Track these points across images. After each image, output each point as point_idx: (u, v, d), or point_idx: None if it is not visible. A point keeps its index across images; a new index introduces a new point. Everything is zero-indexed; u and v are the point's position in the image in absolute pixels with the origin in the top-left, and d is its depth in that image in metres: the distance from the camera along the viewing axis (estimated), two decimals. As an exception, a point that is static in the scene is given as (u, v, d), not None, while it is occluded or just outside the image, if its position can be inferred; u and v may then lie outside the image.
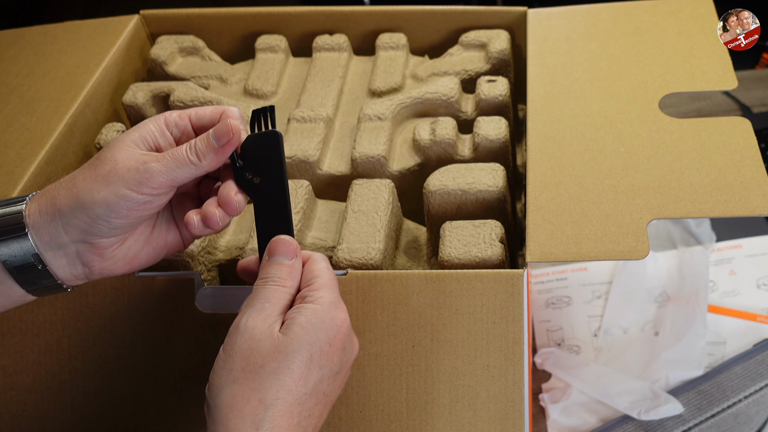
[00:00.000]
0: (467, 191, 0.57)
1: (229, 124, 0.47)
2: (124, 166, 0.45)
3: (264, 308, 0.44)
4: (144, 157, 0.46)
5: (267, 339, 0.43)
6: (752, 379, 0.69)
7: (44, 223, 0.45)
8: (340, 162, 0.65)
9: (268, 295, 0.45)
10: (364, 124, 0.65)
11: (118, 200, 0.45)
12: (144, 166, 0.45)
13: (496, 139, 0.62)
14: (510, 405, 0.49)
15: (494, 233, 0.53)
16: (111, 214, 0.45)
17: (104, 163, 0.46)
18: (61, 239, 0.45)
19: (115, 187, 0.45)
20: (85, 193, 0.45)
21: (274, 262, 0.46)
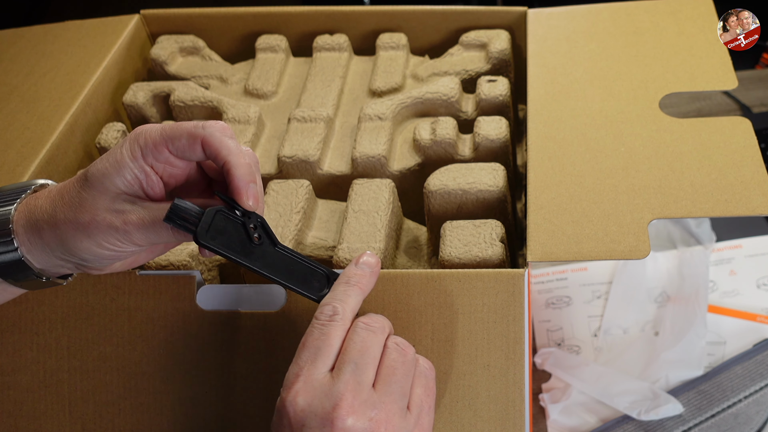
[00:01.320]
0: (468, 191, 0.57)
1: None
2: (103, 221, 0.43)
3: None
4: (124, 210, 0.44)
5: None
6: (752, 379, 0.69)
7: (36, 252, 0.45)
8: (340, 162, 0.65)
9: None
10: (365, 123, 0.65)
11: (102, 251, 0.44)
12: (123, 227, 0.43)
13: (497, 138, 0.62)
14: (510, 405, 0.49)
15: (495, 233, 0.53)
16: (98, 258, 0.45)
17: (84, 208, 0.44)
18: (56, 263, 0.45)
19: (97, 240, 0.44)
20: (68, 239, 0.44)
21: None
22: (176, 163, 0.45)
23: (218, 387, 0.52)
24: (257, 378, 0.51)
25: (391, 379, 0.43)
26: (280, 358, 0.51)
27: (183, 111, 0.70)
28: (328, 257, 0.57)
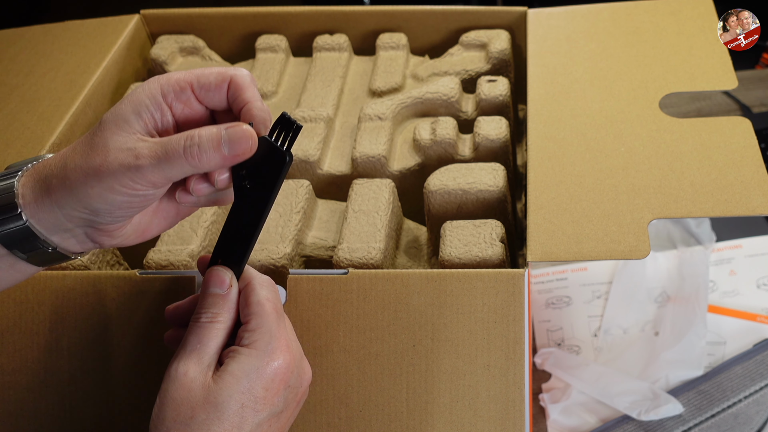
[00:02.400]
0: (468, 191, 0.57)
1: (247, 132, 0.42)
2: (115, 160, 0.41)
3: (196, 351, 0.42)
4: (137, 147, 0.42)
5: (198, 388, 0.41)
6: (752, 379, 0.69)
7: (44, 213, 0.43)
8: (340, 162, 0.65)
9: (201, 335, 0.43)
10: (365, 123, 0.65)
11: (114, 195, 0.42)
12: (136, 162, 0.41)
13: (497, 138, 0.62)
14: (510, 405, 0.49)
15: (495, 233, 0.53)
16: (110, 207, 0.42)
17: (96, 151, 0.42)
18: (65, 225, 0.43)
19: (109, 182, 0.41)
20: (79, 186, 0.42)
21: (208, 293, 0.44)
22: (195, 107, 0.44)
23: (218, 387, 0.52)
24: (257, 378, 0.51)
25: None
26: (280, 358, 0.51)
27: None
28: (328, 257, 0.57)
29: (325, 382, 0.51)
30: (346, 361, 0.51)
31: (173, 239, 0.56)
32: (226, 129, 0.42)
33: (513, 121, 0.68)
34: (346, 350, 0.51)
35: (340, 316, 0.50)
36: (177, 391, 0.41)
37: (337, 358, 0.51)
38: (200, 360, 0.42)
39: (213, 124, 0.43)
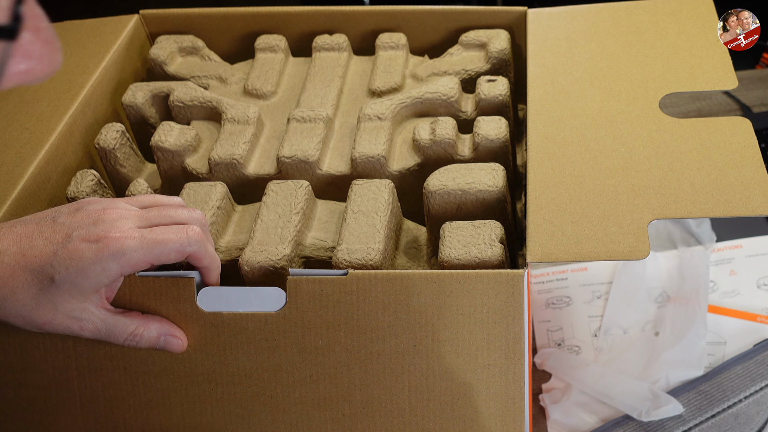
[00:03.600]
0: (467, 191, 0.57)
1: (181, 345, 0.51)
2: (61, 324, 0.47)
3: None
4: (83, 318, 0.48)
5: None
6: (752, 380, 0.69)
7: None
8: (339, 162, 0.65)
9: None
10: (364, 124, 0.65)
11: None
12: (79, 332, 0.48)
13: (496, 138, 0.62)
14: (510, 403, 0.49)
15: (494, 234, 0.53)
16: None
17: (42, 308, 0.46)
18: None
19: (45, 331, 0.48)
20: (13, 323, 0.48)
21: None
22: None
23: (223, 385, 0.52)
24: (259, 377, 0.51)
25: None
26: (281, 357, 0.51)
27: (182, 111, 0.70)
28: (327, 258, 0.57)
29: (327, 380, 0.51)
30: (348, 361, 0.51)
31: None
32: (164, 336, 0.50)
33: (513, 121, 0.68)
34: (348, 350, 0.51)
35: (340, 317, 0.50)
36: None
37: (339, 357, 0.51)
38: None
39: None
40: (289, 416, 0.52)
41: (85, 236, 0.46)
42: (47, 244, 0.46)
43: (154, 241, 0.47)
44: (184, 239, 0.48)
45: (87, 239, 0.45)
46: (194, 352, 0.52)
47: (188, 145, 0.66)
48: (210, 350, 0.51)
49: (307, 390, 0.51)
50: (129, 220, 0.48)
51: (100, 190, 0.63)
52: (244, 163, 0.64)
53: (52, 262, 0.45)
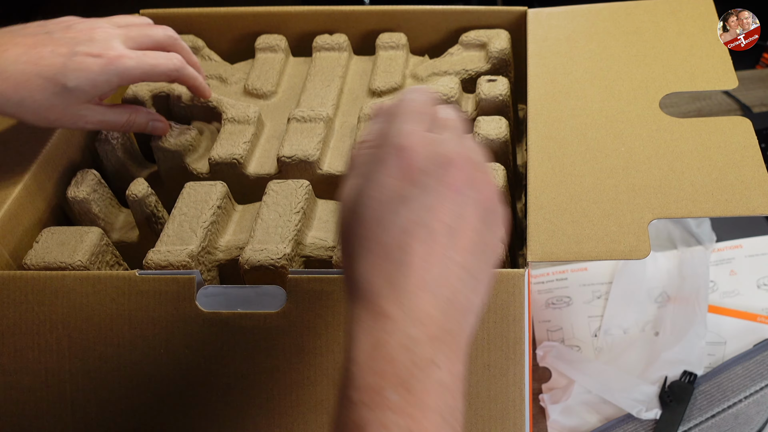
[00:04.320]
0: None
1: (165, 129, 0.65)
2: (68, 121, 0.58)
3: None
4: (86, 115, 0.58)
5: None
6: (752, 380, 0.69)
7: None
8: (340, 162, 0.65)
9: None
10: (365, 123, 0.65)
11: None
12: (84, 125, 0.59)
13: (497, 138, 0.62)
14: (510, 404, 0.49)
15: None
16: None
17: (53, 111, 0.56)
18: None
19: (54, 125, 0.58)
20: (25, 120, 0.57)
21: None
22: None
23: (219, 387, 0.51)
24: (258, 378, 0.51)
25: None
26: (280, 358, 0.51)
27: (183, 111, 0.70)
28: (328, 257, 0.57)
29: (325, 382, 0.51)
30: (346, 362, 0.51)
31: (173, 239, 0.56)
32: (152, 122, 0.64)
33: (513, 121, 0.68)
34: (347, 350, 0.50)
35: (340, 317, 0.50)
36: None
37: (339, 358, 0.51)
38: None
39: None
40: (284, 420, 0.52)
41: (89, 52, 0.55)
42: (55, 56, 0.55)
43: (149, 63, 0.58)
44: (171, 65, 0.60)
45: (90, 54, 0.55)
46: (191, 354, 0.51)
47: (188, 144, 0.66)
48: (207, 351, 0.51)
49: (305, 392, 0.51)
50: (118, 39, 0.58)
51: (101, 190, 0.63)
52: (244, 163, 0.64)
53: (64, 71, 0.55)
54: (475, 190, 0.38)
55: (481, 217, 0.38)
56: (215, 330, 0.51)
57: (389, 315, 0.35)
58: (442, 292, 0.36)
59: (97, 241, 0.57)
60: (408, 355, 0.34)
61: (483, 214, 0.38)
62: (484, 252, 0.38)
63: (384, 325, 0.35)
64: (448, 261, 0.36)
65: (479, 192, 0.38)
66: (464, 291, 0.36)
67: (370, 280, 0.36)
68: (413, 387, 0.33)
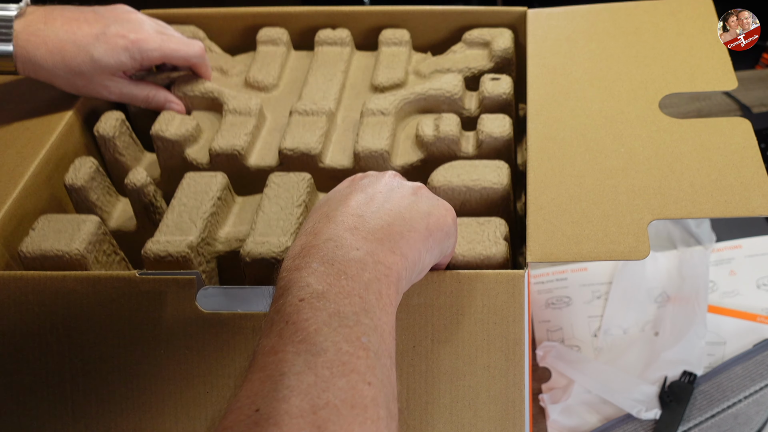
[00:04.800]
0: (472, 188, 0.57)
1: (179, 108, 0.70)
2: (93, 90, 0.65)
3: None
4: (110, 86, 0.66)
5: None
6: (752, 380, 0.69)
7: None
8: (342, 156, 0.65)
9: None
10: (367, 118, 0.65)
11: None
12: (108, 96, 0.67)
13: (500, 136, 0.62)
14: (510, 405, 0.49)
15: (499, 231, 0.53)
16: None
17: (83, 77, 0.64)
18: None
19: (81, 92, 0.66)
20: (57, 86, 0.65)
21: None
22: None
23: (219, 387, 0.52)
24: (257, 378, 0.51)
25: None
26: (280, 358, 0.51)
27: (184, 101, 0.70)
28: None
29: (325, 383, 0.51)
30: (346, 362, 0.51)
31: (172, 230, 0.56)
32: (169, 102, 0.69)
33: (515, 120, 0.68)
34: (346, 351, 0.51)
35: (340, 317, 0.50)
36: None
37: (337, 358, 0.51)
38: None
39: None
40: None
41: (118, 31, 0.63)
42: (92, 30, 0.62)
43: (170, 48, 0.66)
44: (191, 52, 0.68)
45: (120, 33, 0.63)
46: (191, 354, 0.51)
47: (189, 135, 0.66)
48: (207, 351, 0.51)
49: (306, 391, 0.51)
50: (149, 24, 0.66)
51: (99, 178, 0.63)
52: (245, 155, 0.64)
53: (94, 43, 0.62)
54: (406, 183, 0.48)
55: (414, 192, 0.47)
56: (215, 330, 0.51)
57: (320, 227, 0.43)
58: (372, 220, 0.43)
59: (94, 229, 0.56)
60: (332, 243, 0.41)
61: (417, 192, 0.47)
62: (419, 211, 0.46)
63: (314, 233, 0.42)
64: (382, 207, 0.45)
65: (411, 184, 0.49)
66: (394, 224, 0.44)
67: (312, 221, 0.45)
68: (335, 260, 0.40)
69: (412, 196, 0.47)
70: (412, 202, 0.46)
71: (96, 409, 0.52)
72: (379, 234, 0.43)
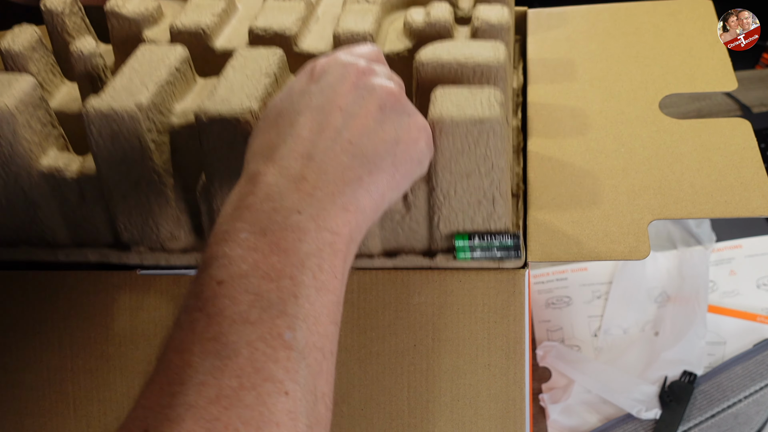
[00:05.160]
0: (464, 64, 0.49)
1: None
2: None
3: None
4: None
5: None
6: (752, 379, 0.69)
7: None
8: (320, 42, 0.58)
9: None
10: (350, 6, 0.59)
11: None
12: None
13: (498, 24, 0.56)
14: (511, 404, 0.50)
15: (493, 97, 0.46)
16: None
17: None
18: None
19: None
20: None
21: None
22: None
23: (219, 386, 0.52)
24: (258, 377, 0.51)
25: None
26: (281, 357, 0.51)
27: None
28: None
29: (325, 382, 0.51)
30: (347, 360, 0.51)
31: (119, 92, 0.48)
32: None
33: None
34: (347, 349, 0.51)
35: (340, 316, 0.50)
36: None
37: (339, 356, 0.50)
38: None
39: None
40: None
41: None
42: None
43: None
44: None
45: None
46: (195, 351, 0.52)
47: (149, 15, 0.59)
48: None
49: (307, 389, 0.51)
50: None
51: (41, 50, 0.56)
52: (210, 35, 0.58)
53: None
54: (376, 88, 0.40)
55: (380, 107, 0.40)
56: (216, 329, 0.51)
57: (261, 173, 0.36)
58: (324, 161, 0.37)
59: (29, 89, 0.48)
60: (270, 203, 0.35)
61: (384, 106, 0.40)
62: (385, 140, 0.39)
63: (254, 182, 0.36)
64: (338, 137, 0.38)
65: (380, 90, 0.40)
66: (352, 166, 0.38)
67: (255, 151, 0.38)
68: (268, 229, 0.34)
69: (377, 114, 0.40)
70: (378, 124, 0.39)
71: (98, 407, 0.53)
72: (332, 185, 0.36)
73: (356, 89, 0.40)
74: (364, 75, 0.41)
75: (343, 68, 0.41)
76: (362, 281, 0.50)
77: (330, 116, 0.38)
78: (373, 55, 0.44)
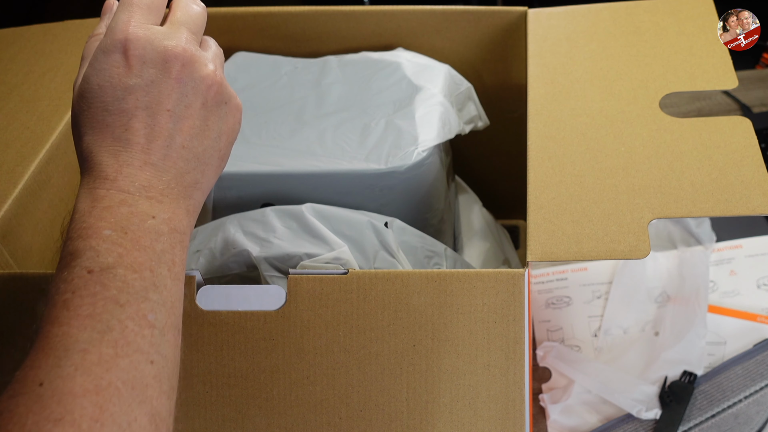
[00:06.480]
0: None
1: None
2: None
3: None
4: None
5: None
6: (752, 379, 0.69)
7: None
8: None
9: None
10: None
11: None
12: None
13: None
14: (511, 404, 0.49)
15: None
16: None
17: None
18: None
19: None
20: None
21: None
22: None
23: (218, 387, 0.52)
24: (257, 378, 0.51)
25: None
26: (280, 358, 0.51)
27: None
28: None
29: (325, 382, 0.51)
30: (346, 361, 0.51)
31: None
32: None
33: None
34: (347, 350, 0.51)
35: (340, 316, 0.50)
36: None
37: (338, 358, 0.51)
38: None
39: None
40: (284, 419, 0.52)
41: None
42: None
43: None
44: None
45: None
46: (191, 353, 0.51)
47: None
48: (207, 350, 0.51)
49: (304, 392, 0.51)
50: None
51: None
52: None
53: None
54: (198, 82, 0.42)
55: (203, 104, 0.42)
56: (215, 329, 0.51)
57: (111, 178, 0.40)
58: (165, 169, 0.41)
59: None
60: (126, 207, 0.39)
61: (206, 101, 0.43)
62: (210, 137, 0.43)
63: (106, 186, 0.40)
64: (172, 143, 0.41)
65: (202, 83, 0.42)
66: (189, 169, 0.42)
67: (97, 153, 0.40)
68: (129, 229, 0.38)
69: (202, 112, 0.42)
70: (203, 122, 0.42)
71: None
72: (175, 191, 0.41)
73: (180, 85, 0.42)
74: (185, 67, 0.42)
75: (164, 60, 0.41)
76: (361, 282, 0.50)
77: (160, 119, 0.41)
78: (198, 21, 0.45)
